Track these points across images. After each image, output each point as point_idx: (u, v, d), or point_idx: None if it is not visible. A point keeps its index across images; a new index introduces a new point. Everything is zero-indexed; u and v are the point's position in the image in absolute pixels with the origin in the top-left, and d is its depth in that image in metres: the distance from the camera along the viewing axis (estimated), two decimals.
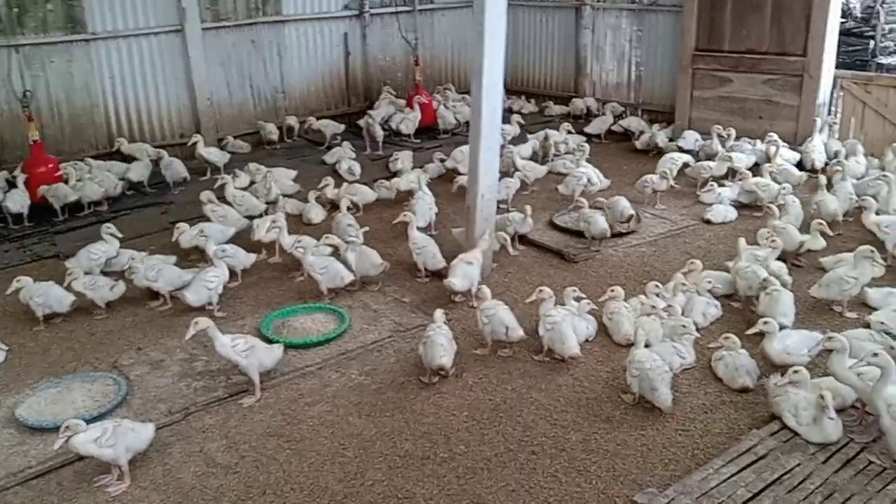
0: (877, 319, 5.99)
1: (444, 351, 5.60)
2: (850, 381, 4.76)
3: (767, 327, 5.49)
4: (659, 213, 9.07)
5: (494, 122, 6.97)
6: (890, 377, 4.49)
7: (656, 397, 5.20)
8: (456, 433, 5.15)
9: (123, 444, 4.77)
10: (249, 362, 5.55)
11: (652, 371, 5.23)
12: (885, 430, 4.39)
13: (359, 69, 13.55)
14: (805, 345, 5.54)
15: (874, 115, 10.47)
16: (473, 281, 6.78)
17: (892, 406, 4.35)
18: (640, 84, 13.11)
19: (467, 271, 6.77)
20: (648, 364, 5.26)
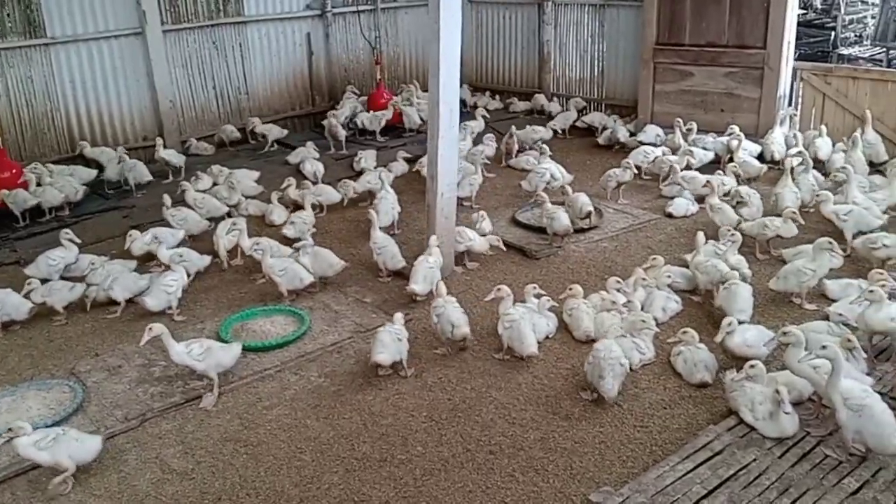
0: (835, 311, 6.05)
1: (383, 348, 5.57)
2: (806, 374, 4.79)
3: (731, 328, 5.51)
4: (621, 207, 9.09)
5: (452, 120, 6.93)
6: (841, 370, 4.51)
7: (601, 385, 5.23)
8: (414, 434, 5.11)
9: (65, 452, 4.71)
10: (207, 365, 5.50)
11: (604, 360, 5.27)
12: (841, 423, 4.42)
13: (322, 69, 13.45)
14: (763, 338, 5.55)
15: (834, 105, 10.58)
16: (434, 282, 6.76)
17: (847, 399, 4.37)
18: (603, 79, 13.14)
19: (427, 274, 6.74)
20: (603, 353, 5.30)
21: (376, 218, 7.44)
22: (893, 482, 4.28)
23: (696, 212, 8.77)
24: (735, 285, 6.15)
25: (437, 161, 6.97)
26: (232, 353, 5.67)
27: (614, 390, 5.25)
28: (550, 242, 8.09)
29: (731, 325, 5.53)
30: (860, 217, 7.49)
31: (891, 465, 4.39)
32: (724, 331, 5.54)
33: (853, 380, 4.58)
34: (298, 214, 8.40)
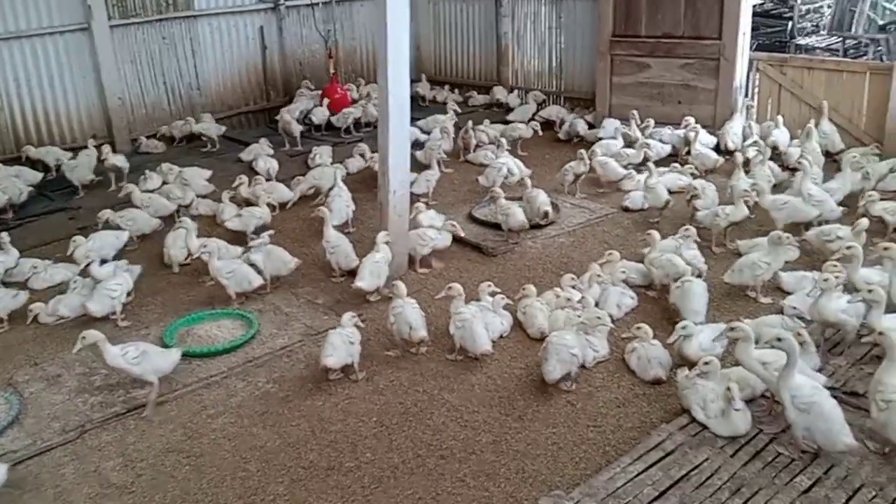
0: (789, 304, 6.02)
1: (333, 351, 5.43)
2: (756, 370, 4.74)
3: (685, 331, 5.43)
4: (578, 202, 9.02)
5: (403, 116, 6.79)
6: (794, 364, 4.46)
7: (544, 367, 5.25)
8: (363, 440, 4.97)
9: None
10: (143, 369, 5.31)
11: (552, 345, 5.28)
12: (791, 421, 4.36)
13: (276, 63, 13.23)
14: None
15: (790, 96, 10.61)
16: (382, 278, 6.61)
17: (796, 398, 4.32)
18: (561, 71, 13.08)
19: (374, 270, 6.60)
20: (555, 339, 5.32)
21: (328, 216, 7.27)
22: (845, 479, 4.23)
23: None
24: (689, 283, 6.08)
25: (389, 157, 6.82)
26: (170, 359, 5.49)
27: (555, 373, 5.25)
28: (506, 239, 7.99)
29: (685, 329, 5.44)
30: (795, 208, 7.46)
31: (843, 462, 4.34)
32: (679, 334, 5.46)
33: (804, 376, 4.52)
34: (249, 209, 8.21)
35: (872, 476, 4.25)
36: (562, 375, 5.34)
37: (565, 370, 5.36)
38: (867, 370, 5.18)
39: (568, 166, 9.25)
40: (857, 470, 4.30)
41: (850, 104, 10.05)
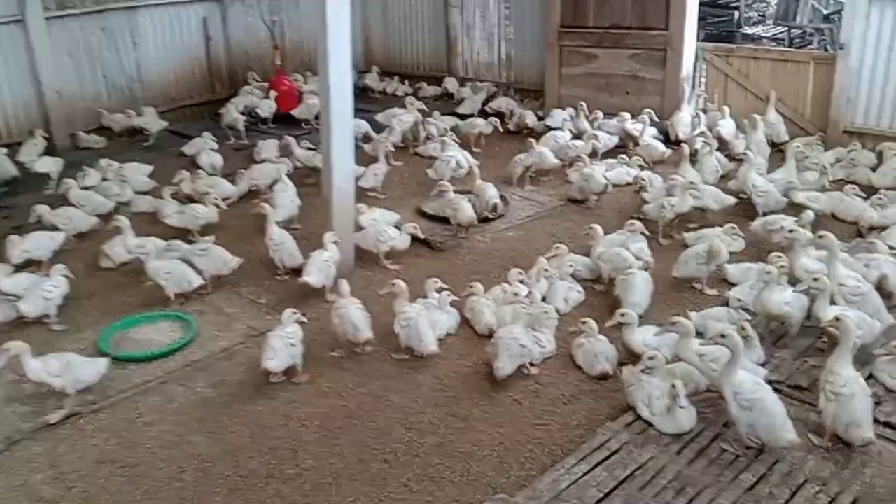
0: (734, 296, 6.02)
1: (274, 354, 5.28)
2: (697, 365, 4.72)
3: (626, 318, 5.39)
4: (528, 194, 8.96)
5: (345, 110, 6.63)
6: (738, 361, 4.44)
7: (494, 363, 5.22)
8: (305, 446, 4.84)
9: None
10: (66, 381, 5.10)
11: (502, 341, 5.26)
12: (734, 418, 4.35)
13: (221, 55, 12.90)
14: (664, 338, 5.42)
15: (737, 86, 10.69)
16: (329, 276, 6.47)
17: (738, 395, 4.30)
18: (510, 63, 12.99)
19: (322, 267, 6.45)
20: (503, 334, 5.31)
21: (271, 212, 7.08)
22: (789, 475, 4.23)
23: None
24: (632, 275, 6.06)
25: (331, 152, 6.67)
26: (96, 368, 5.28)
27: (506, 369, 5.21)
28: (455, 233, 7.89)
29: (624, 316, 5.41)
30: (714, 195, 7.63)
31: (787, 458, 4.35)
32: (617, 319, 5.42)
33: (747, 371, 4.50)
34: (191, 206, 7.99)
35: (816, 471, 4.26)
36: (512, 371, 5.29)
37: (516, 365, 5.33)
38: (811, 363, 5.21)
39: (517, 158, 9.20)
40: (801, 465, 4.30)
41: (794, 94, 10.16)
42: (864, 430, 4.33)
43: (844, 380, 4.40)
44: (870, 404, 4.44)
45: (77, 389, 5.17)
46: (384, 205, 8.63)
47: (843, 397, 4.36)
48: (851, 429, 4.35)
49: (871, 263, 6.02)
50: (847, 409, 4.35)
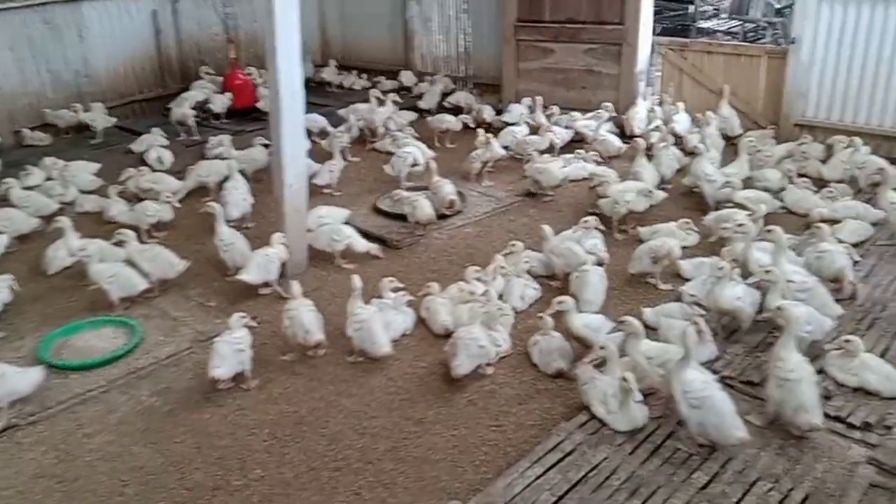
0: (687, 291, 6.01)
1: (221, 361, 5.13)
2: (644, 367, 4.70)
3: (563, 306, 5.33)
4: (485, 190, 8.88)
5: (296, 105, 6.47)
6: (690, 359, 4.41)
7: (452, 363, 5.16)
8: (253, 455, 4.69)
9: None
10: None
11: (460, 341, 5.19)
12: (684, 416, 4.32)
13: (172, 48, 12.62)
14: (607, 326, 5.41)
15: (691, 81, 10.71)
16: (271, 274, 6.34)
17: (687, 392, 4.27)
18: (468, 57, 12.90)
19: (262, 263, 6.34)
20: (462, 335, 5.22)
21: (220, 212, 6.89)
22: (742, 472, 4.21)
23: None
24: (585, 272, 6.02)
25: (282, 150, 6.51)
26: (29, 379, 5.08)
27: (462, 368, 5.15)
28: (412, 231, 7.78)
29: (561, 304, 5.32)
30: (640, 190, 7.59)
31: (739, 455, 4.33)
32: (555, 308, 5.38)
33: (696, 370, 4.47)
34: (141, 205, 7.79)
35: (768, 468, 4.25)
36: (470, 371, 5.23)
37: (474, 365, 5.26)
38: (763, 358, 5.20)
39: (475, 154, 9.11)
40: (754, 462, 4.29)
41: (747, 88, 10.21)
42: (811, 415, 4.36)
43: (792, 365, 4.44)
44: (817, 390, 4.49)
45: (10, 401, 4.96)
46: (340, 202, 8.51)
47: (790, 383, 4.40)
48: (799, 414, 4.38)
49: (823, 256, 6.04)
50: (794, 394, 4.38)
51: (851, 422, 4.58)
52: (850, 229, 6.95)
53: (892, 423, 4.55)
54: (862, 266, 6.51)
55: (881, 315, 5.77)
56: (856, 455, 4.36)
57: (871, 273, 6.44)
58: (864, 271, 6.45)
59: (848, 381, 4.87)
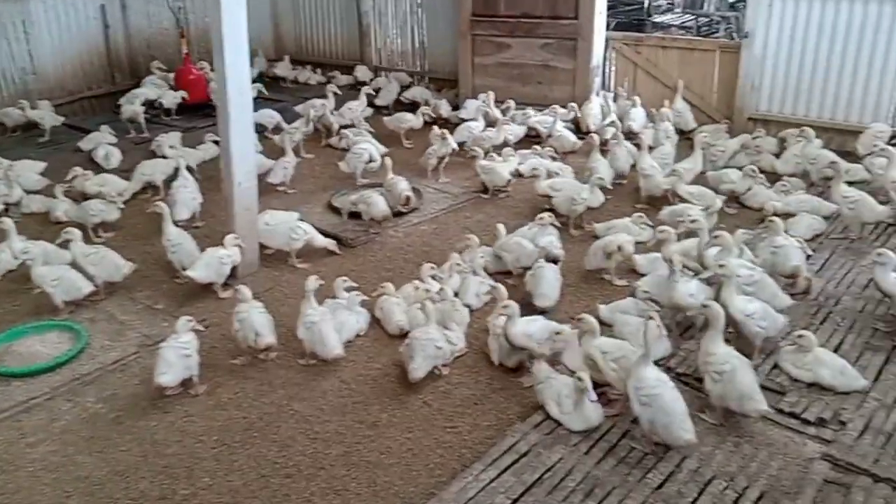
0: (641, 287, 5.99)
1: (167, 367, 4.98)
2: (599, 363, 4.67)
3: (507, 311, 5.23)
4: (441, 186, 8.80)
5: (244, 101, 6.32)
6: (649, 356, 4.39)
7: (409, 365, 5.09)
8: (201, 463, 4.56)
9: None
10: None
11: (417, 342, 5.12)
12: (636, 414, 4.30)
13: (121, 43, 12.32)
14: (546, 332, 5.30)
15: (645, 75, 10.75)
16: (220, 274, 6.23)
17: (639, 389, 4.25)
18: (424, 52, 12.80)
19: (211, 262, 6.20)
20: (419, 335, 5.17)
21: (167, 211, 6.70)
22: (697, 471, 4.20)
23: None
24: (540, 269, 5.99)
25: (231, 148, 6.35)
26: None
27: (420, 371, 5.08)
28: (367, 229, 7.67)
29: (507, 309, 5.21)
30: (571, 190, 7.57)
31: (695, 454, 4.31)
32: (498, 313, 5.31)
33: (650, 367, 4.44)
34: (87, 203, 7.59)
35: (723, 466, 4.24)
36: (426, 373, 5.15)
37: (431, 366, 5.19)
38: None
39: (431, 149, 9.02)
40: (709, 461, 4.28)
41: (701, 82, 10.28)
42: (757, 401, 4.40)
43: (723, 357, 4.48)
44: (754, 376, 4.53)
45: None
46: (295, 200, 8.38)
47: (726, 374, 4.43)
48: (745, 403, 4.41)
49: (777, 251, 6.07)
50: (734, 384, 4.41)
51: (806, 418, 4.59)
52: (804, 224, 7.00)
53: (846, 419, 4.58)
54: (815, 260, 6.57)
55: (834, 309, 5.82)
56: (811, 451, 4.38)
57: (824, 267, 6.50)
58: (818, 265, 6.51)
59: (802, 377, 4.90)
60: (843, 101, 9.33)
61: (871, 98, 9.14)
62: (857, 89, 9.21)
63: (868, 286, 5.96)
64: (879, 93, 9.08)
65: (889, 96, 9.05)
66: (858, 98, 9.22)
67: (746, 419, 4.56)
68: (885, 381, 4.94)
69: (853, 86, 9.22)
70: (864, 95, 9.17)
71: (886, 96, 9.06)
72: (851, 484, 4.08)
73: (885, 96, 9.06)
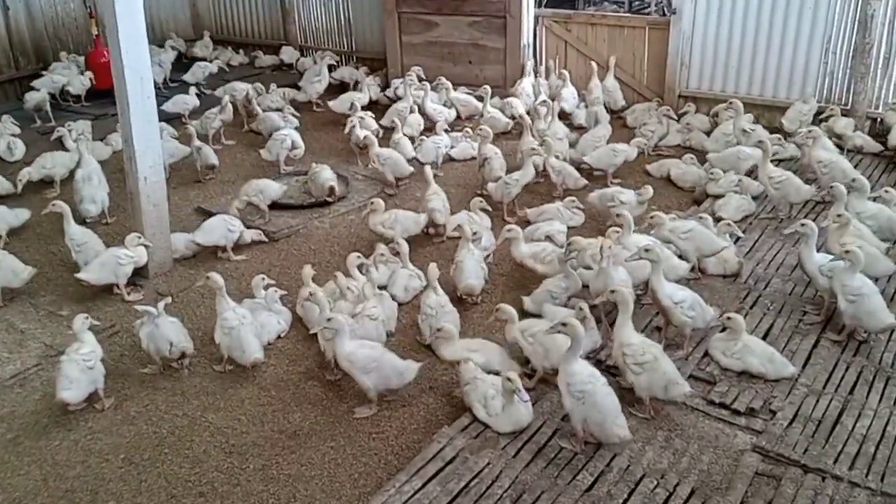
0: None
1: (70, 383, 4.62)
2: (524, 347, 4.57)
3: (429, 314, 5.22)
4: (370, 173, 8.49)
5: (145, 90, 5.90)
6: (578, 351, 4.22)
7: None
8: (106, 485, 4.23)
9: None
10: None
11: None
12: (568, 410, 4.14)
13: (23, 25, 11.57)
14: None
15: (576, 52, 10.58)
16: (119, 275, 5.91)
17: (571, 384, 4.09)
18: (351, 29, 12.38)
19: (107, 261, 5.87)
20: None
21: (67, 210, 6.25)
22: (627, 470, 4.07)
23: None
24: (461, 262, 5.78)
25: (133, 140, 5.94)
26: None
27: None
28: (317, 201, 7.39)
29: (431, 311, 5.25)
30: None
31: (625, 451, 4.18)
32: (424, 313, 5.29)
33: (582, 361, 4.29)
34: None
35: (654, 463, 4.12)
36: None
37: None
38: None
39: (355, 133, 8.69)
40: (639, 458, 4.15)
41: (631, 59, 10.16)
42: (681, 385, 4.38)
43: (640, 348, 4.41)
44: (671, 361, 4.49)
45: None
46: (216, 189, 8.01)
47: (647, 364, 4.36)
48: (671, 388, 4.37)
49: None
50: (657, 372, 4.36)
51: (736, 408, 4.51)
52: (732, 205, 6.93)
53: (776, 407, 4.51)
54: (745, 242, 6.51)
55: (764, 292, 5.76)
56: (741, 443, 4.30)
57: (753, 248, 6.45)
58: (748, 247, 6.45)
59: (731, 366, 4.81)
60: (771, 77, 9.32)
61: (798, 73, 9.13)
62: (784, 65, 9.20)
63: (797, 269, 5.90)
64: (806, 68, 9.08)
65: (816, 71, 9.05)
66: (786, 74, 9.21)
67: (677, 411, 4.46)
68: (815, 366, 4.90)
69: (780, 61, 9.20)
70: (792, 71, 9.16)
71: (813, 71, 9.06)
72: (782, 476, 4.00)
73: (812, 71, 9.07)
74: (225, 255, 6.67)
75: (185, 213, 7.71)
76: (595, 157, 7.91)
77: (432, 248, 6.81)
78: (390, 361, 4.69)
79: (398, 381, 4.72)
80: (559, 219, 6.85)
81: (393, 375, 4.68)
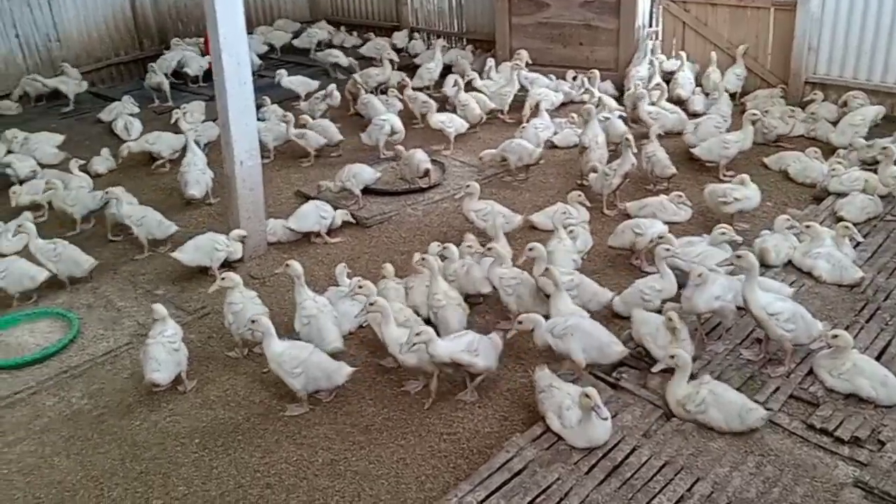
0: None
1: (158, 365, 4.71)
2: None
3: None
4: (469, 159, 8.31)
5: (242, 75, 5.94)
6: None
7: None
8: (178, 469, 4.30)
9: None
10: None
11: None
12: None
13: (148, 7, 12.07)
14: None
15: (694, 34, 10.01)
16: (214, 260, 6.01)
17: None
18: (462, 11, 12.19)
19: (204, 245, 5.97)
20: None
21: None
22: (709, 497, 3.73)
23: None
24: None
25: (230, 125, 6.01)
26: None
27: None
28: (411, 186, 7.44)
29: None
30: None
31: (709, 477, 3.85)
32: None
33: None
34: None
35: (741, 491, 3.77)
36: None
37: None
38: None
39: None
40: (724, 485, 3.80)
41: (754, 43, 9.50)
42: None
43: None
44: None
45: None
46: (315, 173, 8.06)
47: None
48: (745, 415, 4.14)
49: None
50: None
51: (839, 436, 4.07)
52: (857, 205, 6.31)
53: (885, 438, 4.04)
54: (866, 247, 5.93)
55: (883, 304, 5.21)
56: (842, 475, 3.87)
57: (875, 254, 5.86)
58: (869, 252, 5.88)
59: (838, 387, 4.34)
60: None
61: None
62: None
63: None
64: None
65: None
66: None
67: (772, 434, 4.09)
68: None
69: None
70: None
71: None
72: None
73: None
74: (319, 239, 6.70)
75: (286, 195, 7.80)
76: (705, 147, 7.42)
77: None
78: (317, 363, 4.58)
79: (327, 383, 4.61)
80: (662, 213, 6.47)
81: (322, 377, 4.58)
